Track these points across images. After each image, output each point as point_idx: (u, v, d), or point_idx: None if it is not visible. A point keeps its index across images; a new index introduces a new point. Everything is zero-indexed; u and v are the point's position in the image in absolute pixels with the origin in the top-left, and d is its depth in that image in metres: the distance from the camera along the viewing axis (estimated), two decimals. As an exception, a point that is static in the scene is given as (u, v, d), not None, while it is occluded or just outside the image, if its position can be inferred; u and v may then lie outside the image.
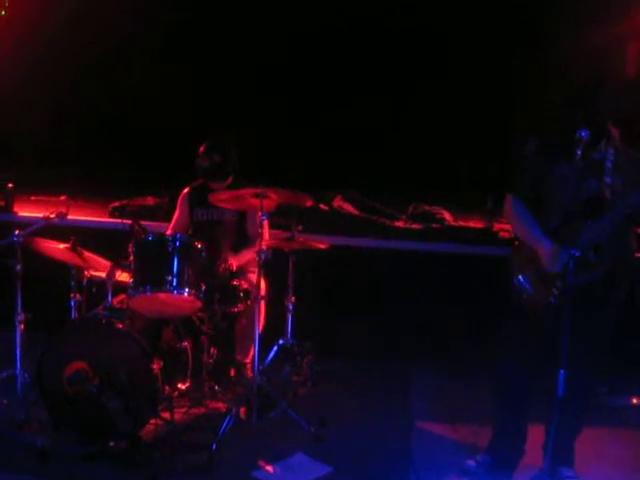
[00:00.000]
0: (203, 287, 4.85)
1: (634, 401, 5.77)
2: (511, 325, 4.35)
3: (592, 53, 6.70)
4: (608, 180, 3.96)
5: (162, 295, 4.72)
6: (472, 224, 7.13)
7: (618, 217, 3.88)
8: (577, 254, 3.67)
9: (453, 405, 5.51)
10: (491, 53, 8.12)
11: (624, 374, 5.81)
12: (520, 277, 4.19)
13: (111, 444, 4.38)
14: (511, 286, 4.24)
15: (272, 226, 5.77)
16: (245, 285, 5.16)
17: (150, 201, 7.19)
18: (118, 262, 4.79)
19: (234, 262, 5.25)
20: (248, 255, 5.42)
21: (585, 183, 3.97)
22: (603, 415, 5.21)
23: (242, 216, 5.54)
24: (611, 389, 5.61)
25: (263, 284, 5.22)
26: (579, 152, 3.78)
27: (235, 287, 5.10)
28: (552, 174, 4.06)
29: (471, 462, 4.49)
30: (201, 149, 5.55)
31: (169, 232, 5.59)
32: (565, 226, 4.00)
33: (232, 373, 5.36)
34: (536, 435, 4.34)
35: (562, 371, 3.62)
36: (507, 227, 6.72)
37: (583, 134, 3.76)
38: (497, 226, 6.85)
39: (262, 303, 5.23)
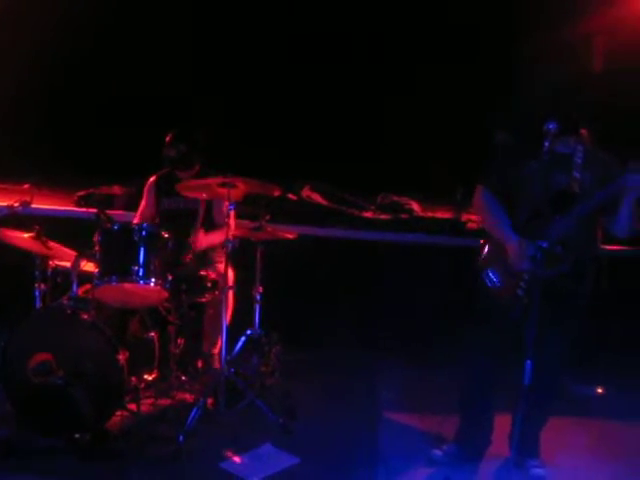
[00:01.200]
0: (170, 277, 4.81)
1: (599, 391, 5.83)
2: (479, 317, 4.37)
3: (561, 49, 6.73)
4: (577, 175, 4.01)
5: (128, 285, 4.67)
6: (440, 215, 7.15)
7: (586, 211, 3.92)
8: (545, 245, 3.70)
9: (420, 395, 5.54)
10: (463, 49, 8.14)
11: (588, 364, 5.87)
12: (488, 270, 4.23)
13: (76, 436, 4.33)
14: (479, 278, 4.27)
15: (240, 216, 5.74)
16: (212, 275, 5.12)
17: (117, 190, 7.10)
18: (83, 252, 4.73)
19: (203, 240, 5.21)
20: (217, 237, 5.36)
21: (554, 177, 4.00)
22: (568, 405, 5.25)
23: (209, 205, 5.50)
24: (576, 379, 5.66)
25: (231, 274, 5.19)
26: (547, 144, 3.79)
27: (202, 277, 5.06)
28: (521, 168, 4.08)
29: (438, 452, 4.52)
30: (167, 138, 5.49)
31: (136, 221, 5.53)
32: (533, 220, 4.03)
33: (200, 364, 5.33)
34: (502, 425, 4.37)
35: (528, 362, 3.65)
36: (475, 218, 6.75)
37: (551, 126, 3.78)
38: (465, 217, 6.87)
39: (230, 293, 5.20)
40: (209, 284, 5.07)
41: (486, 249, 4.31)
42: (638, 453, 4.79)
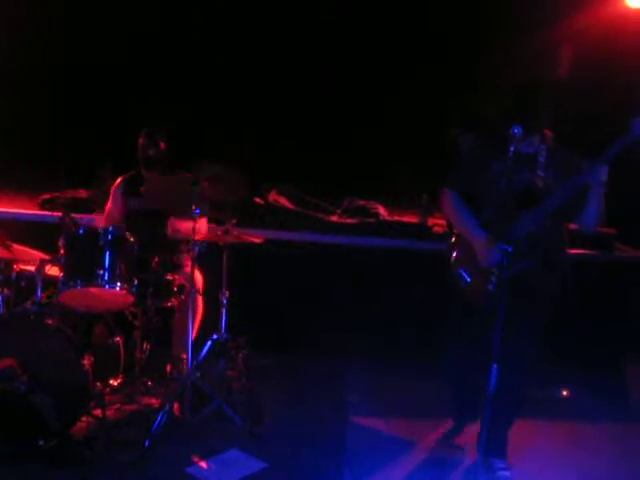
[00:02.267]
0: (136, 281, 4.78)
1: (564, 393, 5.89)
2: (458, 315, 4.53)
3: (526, 54, 6.80)
4: (541, 173, 4.15)
5: (93, 290, 4.64)
6: (407, 219, 7.17)
7: (554, 205, 4.05)
8: (509, 249, 3.74)
9: (386, 399, 5.55)
10: (428, 54, 8.17)
11: (554, 367, 5.92)
12: (460, 270, 4.36)
13: (40, 443, 4.27)
14: (451, 277, 4.40)
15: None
16: (179, 280, 5.09)
17: (82, 193, 7.04)
18: (48, 255, 4.68)
19: (182, 226, 5.19)
20: (184, 225, 5.35)
21: (518, 176, 4.10)
22: (534, 407, 5.28)
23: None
24: (542, 382, 5.71)
25: (198, 278, 5.17)
26: (512, 148, 3.86)
27: (169, 281, 5.04)
28: (487, 169, 4.20)
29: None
30: (143, 138, 5.45)
31: (103, 223, 5.50)
32: (500, 217, 4.12)
33: (168, 368, 5.30)
34: (469, 428, 4.40)
35: (494, 365, 3.69)
36: (441, 222, 6.79)
37: (516, 131, 3.84)
38: (431, 221, 6.90)
39: (199, 298, 5.19)
40: (176, 288, 5.04)
41: (456, 248, 4.43)
42: (604, 455, 4.84)
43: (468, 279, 4.34)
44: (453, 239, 4.53)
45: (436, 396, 5.46)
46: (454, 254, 4.45)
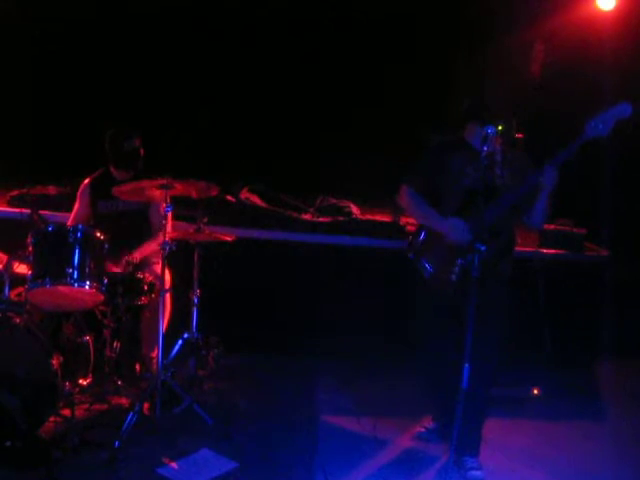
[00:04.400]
0: (105, 280, 4.72)
1: (535, 392, 5.92)
2: (422, 305, 4.66)
3: (500, 55, 6.84)
4: (498, 171, 4.31)
5: (62, 288, 4.58)
6: (379, 217, 7.17)
7: (508, 203, 4.25)
8: (483, 249, 3.79)
9: (358, 398, 5.55)
10: (404, 54, 8.19)
11: (525, 366, 5.96)
12: (422, 260, 4.50)
13: (7, 444, 4.20)
14: (416, 268, 4.54)
15: (177, 217, 5.67)
16: (149, 278, 5.05)
17: (52, 190, 6.95)
18: (16, 253, 4.62)
19: (137, 255, 5.14)
20: (151, 247, 5.31)
21: (479, 173, 4.20)
22: (505, 406, 5.33)
23: (146, 207, 5.42)
24: (513, 381, 5.74)
25: (168, 277, 5.12)
26: (485, 148, 3.95)
27: (139, 280, 4.99)
28: (451, 167, 4.40)
29: (421, 429, 4.92)
30: (116, 132, 5.39)
31: (69, 224, 5.41)
32: (463, 209, 4.31)
33: (138, 367, 5.25)
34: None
35: (467, 365, 3.77)
36: (414, 221, 6.79)
37: (490, 131, 3.92)
38: (404, 220, 6.90)
39: (167, 296, 5.14)
40: (146, 287, 5.00)
41: (419, 240, 4.59)
42: (575, 453, 4.88)
43: (430, 269, 4.46)
44: (412, 232, 4.74)
45: (408, 394, 5.49)
46: (416, 245, 4.59)
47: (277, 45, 8.29)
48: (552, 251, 6.69)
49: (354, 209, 7.22)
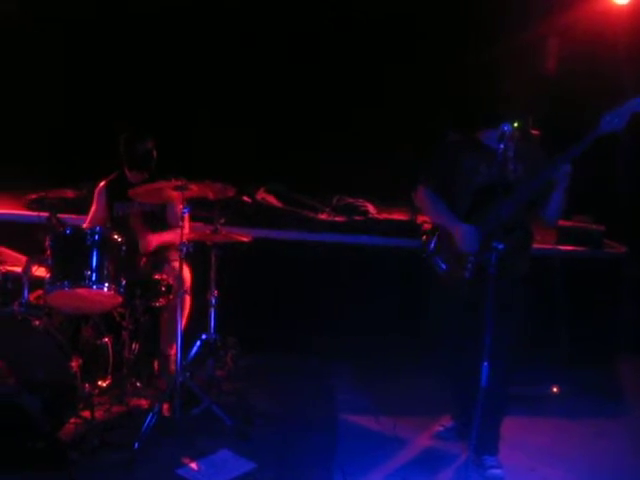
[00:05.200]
0: (123, 281, 4.74)
1: (554, 390, 5.89)
2: (437, 301, 4.64)
3: (514, 51, 6.80)
4: (511, 166, 4.29)
5: (81, 290, 4.60)
6: (396, 216, 7.16)
7: (522, 199, 4.21)
8: (501, 247, 3.79)
9: (377, 398, 5.54)
10: (418, 51, 8.15)
11: (544, 364, 5.93)
12: (436, 258, 4.51)
13: (28, 445, 4.22)
14: (430, 265, 4.55)
15: (194, 219, 5.69)
16: (167, 279, 5.06)
17: (70, 194, 7.00)
18: (35, 256, 4.65)
19: (154, 240, 5.16)
20: (169, 235, 5.32)
21: (492, 170, 4.22)
22: (525, 404, 5.31)
23: (162, 209, 5.45)
24: (532, 379, 5.72)
25: (187, 277, 5.14)
26: (502, 146, 3.93)
27: (157, 281, 5.01)
28: (464, 166, 4.37)
29: (440, 428, 4.90)
30: (130, 135, 5.41)
31: (85, 226, 5.44)
32: (476, 208, 4.30)
33: (156, 365, 5.26)
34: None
35: (486, 363, 3.77)
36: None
37: (506, 128, 3.91)
38: (420, 218, 6.88)
39: (187, 297, 5.16)
40: (164, 288, 5.01)
41: (434, 240, 4.56)
42: (594, 451, 4.85)
43: (443, 266, 4.46)
44: (427, 229, 4.70)
45: (426, 393, 5.48)
46: (431, 245, 4.57)
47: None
48: (570, 248, 6.65)
49: (370, 208, 7.21)
